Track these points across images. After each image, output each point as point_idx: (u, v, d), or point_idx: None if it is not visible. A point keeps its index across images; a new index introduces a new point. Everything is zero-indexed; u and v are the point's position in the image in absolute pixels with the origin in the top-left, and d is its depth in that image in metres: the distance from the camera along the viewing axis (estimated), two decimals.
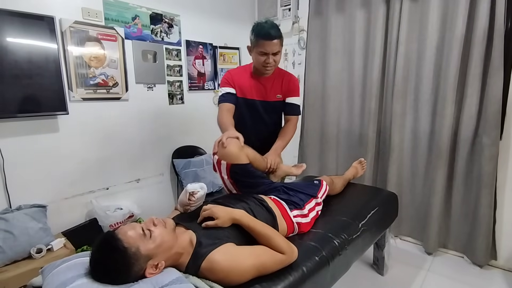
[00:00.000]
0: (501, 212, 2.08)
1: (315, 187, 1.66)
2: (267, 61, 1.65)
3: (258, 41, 1.62)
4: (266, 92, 1.80)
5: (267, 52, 1.63)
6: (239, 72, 1.84)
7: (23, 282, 1.59)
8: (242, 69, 1.88)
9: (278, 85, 1.82)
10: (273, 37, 1.59)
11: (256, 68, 1.78)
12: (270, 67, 1.69)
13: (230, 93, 1.77)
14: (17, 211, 1.75)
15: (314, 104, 2.87)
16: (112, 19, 2.19)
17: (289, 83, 1.83)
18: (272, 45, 1.61)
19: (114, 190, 2.33)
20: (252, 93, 1.80)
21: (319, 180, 1.75)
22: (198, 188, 1.23)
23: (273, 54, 1.64)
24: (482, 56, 1.94)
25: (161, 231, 0.99)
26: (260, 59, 1.66)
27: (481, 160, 2.02)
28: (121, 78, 2.26)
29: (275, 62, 1.68)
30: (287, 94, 1.84)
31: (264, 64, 1.67)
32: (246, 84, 1.79)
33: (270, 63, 1.66)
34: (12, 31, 1.69)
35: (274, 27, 1.62)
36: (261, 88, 1.80)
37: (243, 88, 1.79)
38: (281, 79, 1.83)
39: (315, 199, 1.59)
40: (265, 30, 1.60)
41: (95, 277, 0.90)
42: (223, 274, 0.97)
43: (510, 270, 2.09)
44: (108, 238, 0.93)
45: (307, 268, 1.19)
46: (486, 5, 1.87)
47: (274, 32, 1.60)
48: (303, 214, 1.47)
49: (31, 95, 1.80)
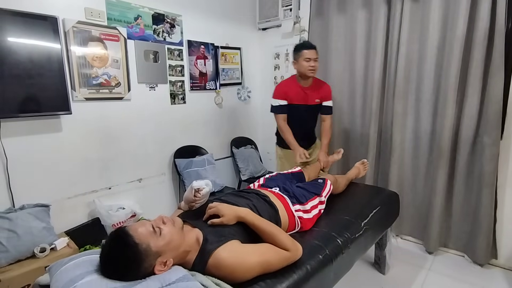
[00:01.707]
0: (502, 211, 2.09)
1: (319, 186, 1.68)
2: (311, 64, 2.14)
3: (302, 51, 2.15)
4: (310, 98, 2.28)
5: (310, 58, 2.13)
6: (287, 84, 2.32)
7: (27, 281, 1.59)
8: (288, 81, 2.35)
9: (318, 92, 2.29)
10: (312, 46, 2.18)
11: (300, 75, 2.24)
12: (314, 70, 2.17)
13: (283, 105, 2.27)
14: (20, 211, 1.75)
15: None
16: (114, 19, 2.20)
17: (326, 91, 2.33)
18: (313, 53, 2.15)
19: (117, 189, 2.33)
20: (299, 99, 2.26)
21: (324, 179, 1.77)
22: (204, 185, 1.24)
23: (314, 60, 2.15)
24: (483, 56, 1.96)
25: (170, 229, 1.00)
26: (305, 64, 2.15)
27: (482, 160, 2.03)
28: (123, 78, 2.27)
29: (315, 66, 2.18)
30: (324, 99, 2.33)
31: (309, 68, 2.15)
32: (294, 93, 2.26)
33: (314, 66, 2.15)
34: (15, 31, 1.70)
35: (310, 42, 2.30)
36: (304, 95, 2.27)
37: (292, 96, 2.26)
38: (320, 87, 2.31)
39: (319, 197, 1.61)
40: (306, 43, 2.26)
41: (105, 273, 0.91)
42: (229, 270, 0.99)
43: (510, 269, 2.11)
44: (119, 234, 0.94)
45: (311, 266, 1.20)
46: (487, 6, 1.89)
47: (312, 43, 2.22)
48: (305, 210, 1.50)
49: (35, 95, 1.81)
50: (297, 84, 2.28)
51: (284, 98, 2.27)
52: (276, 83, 3.31)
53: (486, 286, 1.97)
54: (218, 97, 3.03)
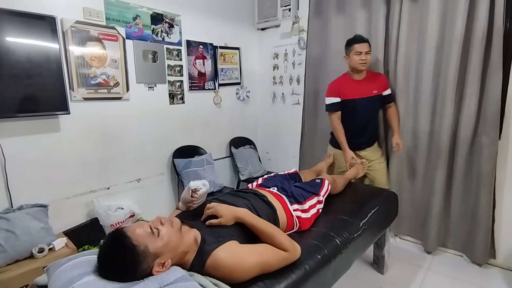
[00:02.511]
0: (500, 211, 2.09)
1: (317, 185, 1.69)
2: (362, 58, 2.12)
3: (353, 45, 2.14)
4: (366, 90, 2.22)
5: (361, 51, 2.11)
6: (339, 80, 2.30)
7: (25, 281, 1.59)
8: (340, 78, 2.32)
9: (374, 83, 2.24)
10: (364, 40, 2.15)
11: (352, 69, 2.23)
12: (365, 63, 2.14)
13: (336, 102, 2.25)
14: (18, 211, 1.75)
15: (315, 104, 2.88)
16: (113, 19, 2.19)
17: (382, 80, 2.28)
18: (364, 46, 2.12)
19: (115, 189, 2.33)
20: (354, 93, 2.21)
21: (321, 179, 1.77)
22: (201, 185, 1.24)
23: (366, 53, 2.12)
24: (481, 57, 1.96)
25: (168, 230, 1.00)
26: (356, 58, 2.13)
27: (480, 160, 2.03)
28: (122, 78, 2.27)
29: (367, 59, 2.14)
30: (383, 89, 2.27)
31: (360, 62, 2.13)
32: (348, 88, 2.23)
33: (365, 59, 2.12)
34: (14, 31, 1.69)
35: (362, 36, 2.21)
36: (359, 88, 2.22)
37: (347, 91, 2.22)
38: (375, 78, 2.26)
39: (317, 196, 1.61)
40: (356, 36, 2.17)
41: (103, 274, 0.91)
42: (227, 271, 0.99)
43: (509, 269, 2.11)
44: (117, 236, 0.94)
45: (310, 266, 1.20)
46: (485, 6, 1.89)
47: (363, 37, 2.17)
48: (304, 209, 1.50)
49: (33, 95, 1.81)
50: (349, 79, 2.26)
51: (337, 95, 2.24)
52: (275, 83, 3.33)
53: (485, 286, 1.98)
54: (217, 97, 3.03)
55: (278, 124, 3.38)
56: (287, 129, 3.29)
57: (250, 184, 1.76)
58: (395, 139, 2.25)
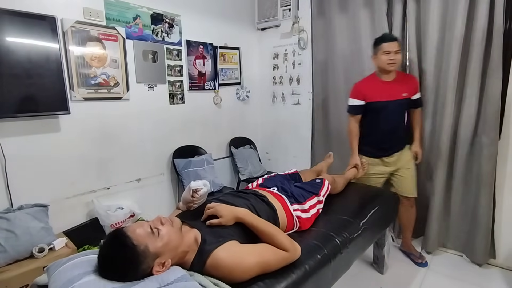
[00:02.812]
0: (500, 211, 2.09)
1: (317, 185, 1.69)
2: (391, 57, 1.96)
3: (381, 44, 1.99)
4: (394, 92, 2.05)
5: (389, 51, 1.96)
6: (365, 82, 2.16)
7: (25, 281, 1.59)
8: (367, 79, 2.18)
9: (404, 85, 2.07)
10: (392, 38, 2.00)
11: (380, 70, 2.07)
12: (394, 63, 1.98)
13: (358, 105, 2.12)
14: (18, 211, 1.75)
15: (323, 104, 2.88)
16: (113, 19, 2.19)
17: (414, 83, 2.13)
18: (393, 45, 1.96)
19: (115, 189, 2.33)
20: (382, 96, 2.06)
21: (321, 179, 1.77)
22: (201, 185, 1.24)
23: (395, 52, 1.96)
24: (481, 57, 1.96)
25: (169, 230, 1.00)
26: (384, 58, 1.98)
27: (480, 160, 2.03)
28: (122, 78, 2.27)
29: (396, 59, 1.98)
30: (413, 92, 2.11)
31: (388, 62, 1.97)
32: (375, 90, 2.08)
33: (393, 59, 1.96)
34: (14, 31, 1.69)
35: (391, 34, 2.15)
36: (389, 90, 2.05)
37: (372, 93, 2.07)
38: (407, 80, 2.12)
39: (317, 196, 1.61)
40: (386, 35, 2.05)
41: (103, 274, 0.91)
42: (227, 271, 0.99)
43: (508, 269, 2.11)
44: (117, 236, 0.94)
45: (309, 266, 1.20)
46: (485, 6, 1.89)
47: (393, 36, 2.05)
48: (304, 209, 1.50)
49: (33, 95, 1.81)
50: (377, 80, 2.10)
51: (361, 97, 2.10)
52: (275, 83, 3.33)
53: (485, 286, 1.98)
54: (217, 97, 3.03)
55: (278, 124, 3.38)
56: (287, 129, 3.29)
57: (250, 184, 1.76)
58: (414, 148, 2.19)
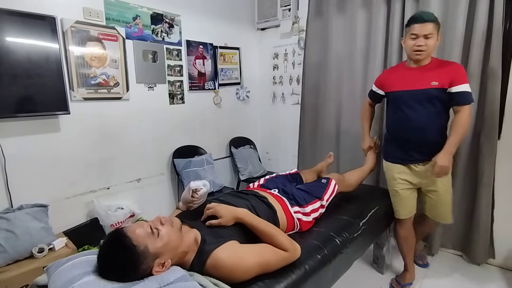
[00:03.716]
0: (499, 211, 2.09)
1: (321, 188, 1.65)
2: (418, 43, 1.57)
3: (411, 25, 1.60)
4: (419, 80, 1.66)
5: (417, 34, 1.57)
6: (391, 69, 1.91)
7: (25, 281, 1.59)
8: (394, 67, 1.93)
9: (437, 73, 1.63)
10: (425, 18, 1.55)
11: (408, 57, 1.72)
12: (421, 51, 1.59)
13: (374, 92, 1.94)
14: (18, 211, 1.75)
15: (314, 104, 2.88)
16: (113, 19, 2.19)
17: (455, 71, 1.61)
18: (423, 27, 1.55)
19: (115, 189, 2.33)
20: (402, 85, 1.71)
21: (328, 178, 1.73)
22: (201, 185, 1.24)
23: (425, 37, 1.56)
24: (480, 57, 1.96)
25: (168, 230, 1.00)
26: (411, 43, 1.61)
27: (480, 160, 2.04)
28: (122, 78, 2.27)
29: (427, 46, 1.57)
30: (454, 82, 1.59)
31: (414, 48, 1.60)
32: (397, 77, 1.76)
33: (421, 46, 1.57)
34: (14, 31, 1.69)
35: (428, 12, 1.63)
36: (412, 77, 1.68)
37: (393, 82, 1.77)
38: (443, 67, 1.64)
39: (320, 201, 1.58)
40: (417, 14, 1.62)
41: (102, 274, 0.91)
42: (227, 271, 0.99)
43: (508, 269, 2.12)
44: (117, 236, 0.94)
45: (309, 266, 1.21)
46: (485, 7, 1.89)
47: (426, 16, 1.57)
48: (305, 213, 1.49)
49: (33, 95, 1.80)
50: (404, 67, 1.77)
51: (378, 85, 1.88)
52: (275, 83, 3.33)
53: (484, 286, 1.98)
54: (217, 97, 3.03)
55: (278, 124, 3.38)
56: (287, 129, 3.29)
57: (252, 184, 1.75)
58: (438, 158, 1.61)
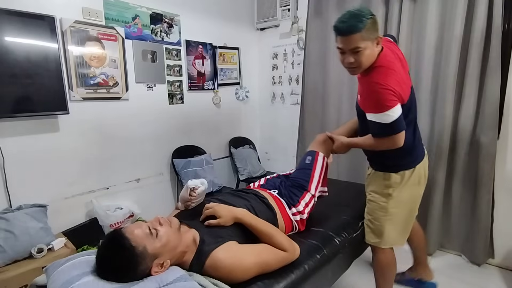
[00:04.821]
0: (499, 211, 2.09)
1: (306, 173, 1.54)
2: (346, 60, 1.29)
3: (335, 36, 1.29)
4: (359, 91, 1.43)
5: (342, 49, 1.29)
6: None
7: (24, 281, 1.59)
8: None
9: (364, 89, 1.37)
10: (344, 32, 1.23)
11: None
12: (353, 67, 1.31)
13: None
14: (17, 211, 1.75)
15: (314, 104, 2.88)
16: (112, 19, 2.19)
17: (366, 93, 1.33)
18: (347, 41, 1.24)
19: (114, 189, 2.33)
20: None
21: (313, 154, 1.57)
22: (199, 183, 1.24)
23: (352, 52, 1.25)
24: (480, 57, 1.96)
25: (167, 230, 1.00)
26: (340, 57, 1.32)
27: (479, 160, 2.04)
28: (121, 78, 2.27)
29: (357, 62, 1.27)
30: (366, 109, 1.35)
31: (345, 65, 1.33)
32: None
33: (351, 63, 1.28)
34: (13, 30, 1.69)
35: (351, 17, 1.21)
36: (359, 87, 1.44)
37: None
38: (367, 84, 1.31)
39: (308, 192, 1.50)
40: (338, 21, 1.25)
41: (101, 275, 0.91)
42: (226, 271, 0.99)
43: (507, 269, 2.11)
44: (115, 237, 0.94)
45: (309, 266, 1.21)
46: (484, 6, 1.89)
47: (346, 26, 1.21)
48: (300, 211, 1.45)
49: (32, 94, 1.80)
50: None
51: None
52: (275, 83, 3.33)
53: (483, 286, 1.98)
54: (216, 97, 3.03)
55: (277, 124, 3.38)
56: (286, 129, 3.28)
57: (252, 183, 1.74)
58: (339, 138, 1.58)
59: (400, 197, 1.47)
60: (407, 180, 1.45)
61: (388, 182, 1.46)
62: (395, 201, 1.47)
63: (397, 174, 1.44)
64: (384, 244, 1.53)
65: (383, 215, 1.49)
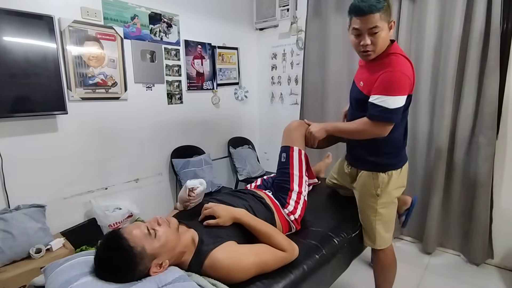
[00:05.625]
0: (498, 211, 2.10)
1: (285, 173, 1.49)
2: (363, 42, 1.27)
3: (350, 16, 1.29)
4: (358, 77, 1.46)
5: (360, 30, 1.26)
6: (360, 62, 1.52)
7: (22, 282, 1.58)
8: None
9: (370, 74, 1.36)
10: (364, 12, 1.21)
11: None
12: (368, 51, 1.29)
13: None
14: (16, 211, 1.74)
15: (313, 104, 2.89)
16: (111, 19, 2.18)
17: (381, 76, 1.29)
18: (365, 21, 1.22)
19: (113, 190, 2.32)
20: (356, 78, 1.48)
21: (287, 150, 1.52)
22: (198, 184, 1.24)
23: (370, 33, 1.25)
24: (478, 57, 1.97)
25: (165, 231, 0.99)
26: (354, 41, 1.31)
27: (478, 160, 2.04)
28: (120, 78, 2.26)
29: (374, 45, 1.26)
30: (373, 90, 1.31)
31: (360, 49, 1.31)
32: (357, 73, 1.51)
33: (367, 45, 1.27)
34: (11, 30, 1.68)
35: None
36: (359, 74, 1.47)
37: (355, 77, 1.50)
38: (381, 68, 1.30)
39: (292, 191, 1.45)
40: (355, 2, 1.24)
41: (100, 275, 0.91)
42: (225, 271, 0.98)
43: (506, 268, 2.12)
44: (114, 237, 0.94)
45: (308, 266, 1.20)
46: (483, 7, 1.90)
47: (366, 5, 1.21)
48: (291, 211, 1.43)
49: (30, 94, 1.80)
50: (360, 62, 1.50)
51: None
52: (274, 83, 3.33)
53: (482, 286, 1.98)
54: (215, 97, 3.03)
55: (277, 124, 3.37)
56: None
57: (249, 184, 1.75)
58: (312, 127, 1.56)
59: (387, 197, 1.48)
60: (394, 180, 1.47)
61: (376, 182, 1.46)
62: (383, 202, 1.48)
63: (385, 174, 1.45)
64: (379, 246, 1.54)
65: (372, 215, 1.50)
